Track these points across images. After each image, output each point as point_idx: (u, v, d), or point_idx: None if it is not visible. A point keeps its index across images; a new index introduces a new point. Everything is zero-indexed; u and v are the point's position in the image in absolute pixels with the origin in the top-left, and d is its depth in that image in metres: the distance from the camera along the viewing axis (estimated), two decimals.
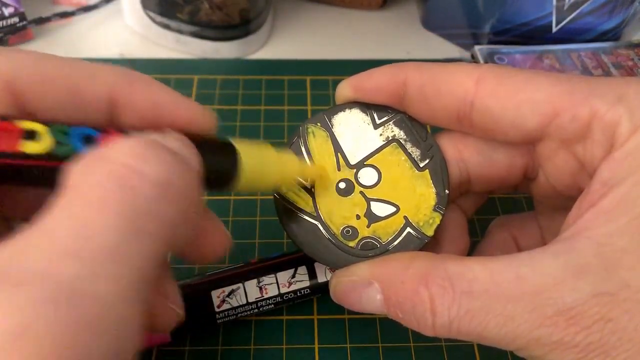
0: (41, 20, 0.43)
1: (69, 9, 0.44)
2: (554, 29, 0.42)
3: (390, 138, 0.24)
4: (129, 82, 0.18)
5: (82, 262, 0.13)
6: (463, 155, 0.23)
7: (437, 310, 0.18)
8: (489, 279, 0.18)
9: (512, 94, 0.20)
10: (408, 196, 0.23)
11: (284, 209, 0.23)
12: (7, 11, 0.40)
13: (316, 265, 0.27)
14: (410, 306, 0.19)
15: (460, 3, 0.44)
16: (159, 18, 0.42)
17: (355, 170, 0.24)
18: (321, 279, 0.27)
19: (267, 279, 0.27)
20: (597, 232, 0.18)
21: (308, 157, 0.24)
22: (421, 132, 0.23)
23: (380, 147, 0.24)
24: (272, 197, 0.24)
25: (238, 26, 0.42)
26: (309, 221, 0.23)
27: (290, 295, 0.27)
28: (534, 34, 0.42)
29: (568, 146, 0.20)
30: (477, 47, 0.41)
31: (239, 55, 0.43)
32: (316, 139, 0.24)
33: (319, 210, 0.23)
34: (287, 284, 0.27)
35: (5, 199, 0.19)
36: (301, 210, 0.23)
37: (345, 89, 0.24)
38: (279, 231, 0.26)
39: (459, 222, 0.25)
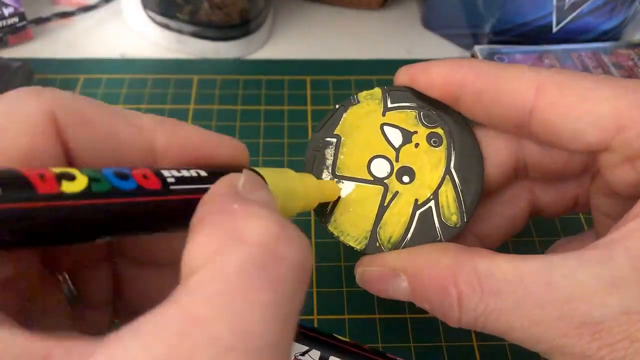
0: (41, 20, 0.43)
1: (69, 9, 0.44)
2: (554, 29, 0.42)
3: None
4: (167, 128, 0.18)
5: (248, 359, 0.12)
6: (522, 142, 0.23)
7: (463, 307, 0.18)
8: (519, 281, 0.18)
9: (574, 106, 0.19)
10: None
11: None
12: (6, 11, 0.40)
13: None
14: (438, 300, 0.19)
15: (461, 3, 0.44)
16: (159, 18, 0.42)
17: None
18: None
19: None
20: (636, 243, 0.17)
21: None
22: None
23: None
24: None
25: (238, 26, 0.42)
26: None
27: None
28: (534, 34, 0.42)
29: (632, 161, 0.19)
30: (477, 47, 0.41)
31: (239, 55, 0.43)
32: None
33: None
34: (294, 358, 0.26)
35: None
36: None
37: (403, 76, 0.23)
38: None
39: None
